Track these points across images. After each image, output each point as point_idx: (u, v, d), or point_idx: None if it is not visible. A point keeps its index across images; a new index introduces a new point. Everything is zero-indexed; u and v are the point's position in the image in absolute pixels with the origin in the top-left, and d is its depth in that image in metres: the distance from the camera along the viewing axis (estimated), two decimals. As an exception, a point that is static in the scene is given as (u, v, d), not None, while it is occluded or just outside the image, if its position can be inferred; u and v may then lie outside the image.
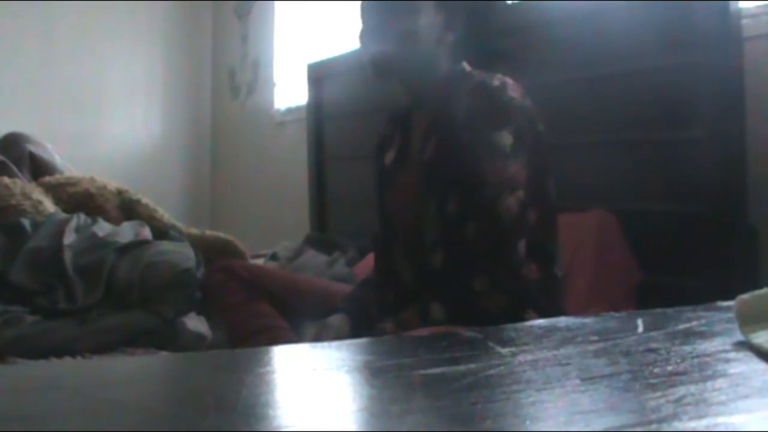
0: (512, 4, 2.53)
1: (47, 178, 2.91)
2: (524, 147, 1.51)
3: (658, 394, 0.60)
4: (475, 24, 1.63)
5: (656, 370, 0.68)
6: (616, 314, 1.00)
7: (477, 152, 1.50)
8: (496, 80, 1.53)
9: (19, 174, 2.90)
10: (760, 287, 0.79)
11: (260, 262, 2.87)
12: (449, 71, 1.62)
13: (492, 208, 1.48)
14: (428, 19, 1.58)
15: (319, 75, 3.58)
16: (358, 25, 1.62)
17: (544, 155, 1.57)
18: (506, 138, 1.49)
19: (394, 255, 1.69)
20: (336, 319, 1.65)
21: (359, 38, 1.62)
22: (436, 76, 1.61)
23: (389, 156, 1.72)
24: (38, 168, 3.06)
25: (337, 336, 1.55)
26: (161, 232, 2.61)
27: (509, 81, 1.53)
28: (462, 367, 0.71)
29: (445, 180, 1.55)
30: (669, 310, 0.98)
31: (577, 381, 0.66)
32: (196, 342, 2.15)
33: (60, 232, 2.35)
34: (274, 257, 3.00)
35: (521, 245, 1.49)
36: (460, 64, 1.63)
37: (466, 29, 1.61)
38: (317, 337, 1.61)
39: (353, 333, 1.59)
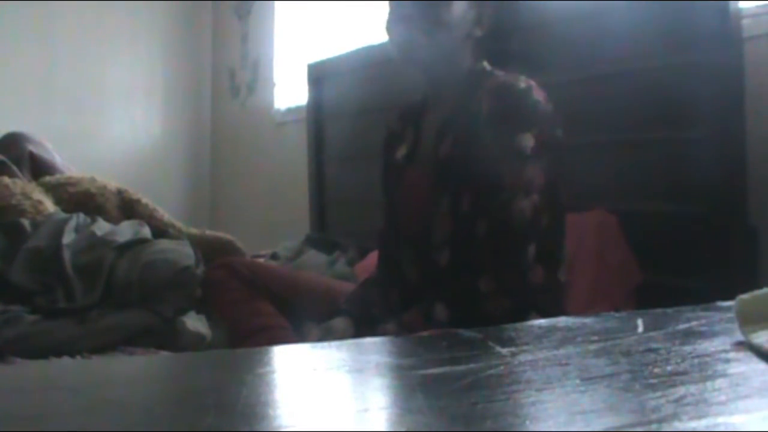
0: (512, 4, 2.53)
1: (47, 178, 2.91)
2: (544, 151, 1.51)
3: (658, 394, 0.60)
4: (498, 23, 1.63)
5: (656, 370, 0.68)
6: (616, 314, 1.00)
7: (497, 152, 1.49)
8: (522, 82, 1.52)
9: (19, 174, 2.90)
10: (760, 287, 0.79)
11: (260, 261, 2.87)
12: (471, 68, 1.62)
13: (505, 210, 1.47)
14: (461, 13, 1.58)
15: (319, 75, 3.58)
16: (384, 16, 1.62)
17: (560, 161, 1.57)
18: (528, 141, 1.48)
19: (399, 252, 1.69)
20: (339, 322, 1.65)
21: (386, 28, 1.61)
22: (458, 71, 1.61)
23: (400, 151, 1.72)
24: (38, 168, 3.06)
25: (341, 339, 1.55)
26: (161, 231, 2.61)
27: (534, 84, 1.53)
28: (462, 367, 0.71)
29: (460, 178, 1.54)
30: (669, 310, 0.98)
31: (577, 381, 0.66)
32: (196, 341, 2.15)
33: (59, 232, 2.35)
34: (274, 257, 3.00)
35: (531, 249, 1.49)
36: (481, 62, 1.63)
37: (491, 28, 1.62)
38: (321, 341, 1.60)
39: (357, 336, 1.58)
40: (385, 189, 1.77)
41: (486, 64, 1.63)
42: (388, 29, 1.61)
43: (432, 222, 1.57)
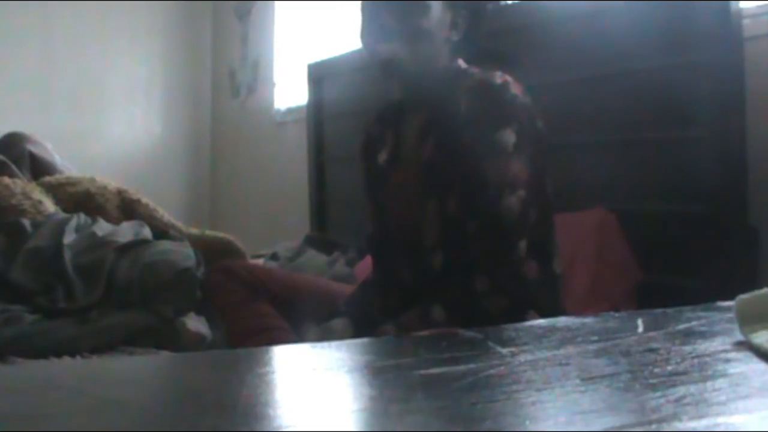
0: (512, 4, 2.53)
1: (47, 178, 2.91)
2: (526, 145, 1.50)
3: (658, 394, 0.60)
4: (472, 24, 1.62)
5: (656, 370, 0.68)
6: (616, 314, 1.01)
7: (479, 151, 1.49)
8: (498, 78, 1.52)
9: (20, 174, 2.90)
10: (760, 287, 0.79)
11: (260, 262, 2.87)
12: (446, 69, 1.61)
13: (493, 208, 1.47)
14: (437, 19, 1.57)
15: (319, 75, 3.58)
16: (358, 24, 1.60)
17: (544, 153, 1.57)
18: (509, 136, 1.48)
19: (392, 256, 1.69)
20: (338, 324, 1.65)
21: (361, 38, 1.60)
22: (435, 72, 1.60)
23: (382, 156, 1.71)
24: (38, 168, 3.06)
25: (340, 340, 1.54)
26: (161, 231, 2.61)
27: (510, 78, 1.52)
28: (462, 367, 0.71)
29: (445, 180, 1.54)
30: (669, 310, 0.98)
31: (577, 381, 0.66)
32: (196, 342, 2.15)
33: (60, 232, 2.35)
34: (274, 257, 3.00)
35: (522, 245, 1.48)
36: (455, 62, 1.62)
37: (466, 29, 1.61)
38: (319, 341, 1.60)
39: (355, 337, 1.58)
40: (369, 194, 1.76)
41: (461, 62, 1.62)
42: (363, 37, 1.59)
43: (422, 225, 1.57)
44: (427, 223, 1.56)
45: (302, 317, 1.82)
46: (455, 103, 1.53)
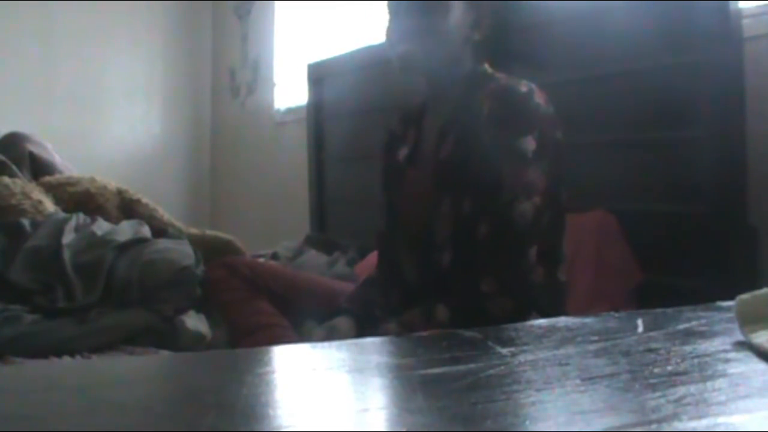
0: (512, 4, 2.53)
1: (47, 178, 2.91)
2: (545, 154, 1.50)
3: (658, 394, 0.60)
4: (496, 25, 1.63)
5: (656, 370, 0.68)
6: (616, 314, 1.00)
7: (498, 155, 1.49)
8: (523, 86, 1.52)
9: (19, 174, 2.90)
10: (760, 287, 0.79)
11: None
12: (471, 71, 1.62)
13: (506, 212, 1.47)
14: (457, 18, 1.58)
15: (319, 75, 3.58)
16: (384, 21, 1.63)
17: (561, 163, 1.57)
18: (529, 144, 1.48)
19: (399, 253, 1.69)
20: (342, 322, 1.65)
21: (386, 34, 1.62)
22: (458, 74, 1.62)
23: (401, 153, 1.72)
24: (38, 168, 3.06)
25: (345, 339, 1.55)
26: (160, 230, 2.61)
27: (535, 87, 1.53)
28: (462, 367, 0.71)
29: (461, 180, 1.54)
30: (669, 310, 0.98)
31: (577, 381, 0.66)
32: (196, 341, 2.15)
33: (59, 232, 2.35)
34: (274, 257, 3.00)
35: (533, 251, 1.49)
36: (482, 65, 1.63)
37: (490, 30, 1.62)
38: (325, 340, 1.60)
39: (359, 335, 1.58)
40: (385, 190, 1.77)
41: (487, 67, 1.63)
42: (388, 34, 1.61)
43: (433, 223, 1.57)
44: (439, 221, 1.56)
45: (303, 315, 1.83)
46: (477, 105, 1.53)
